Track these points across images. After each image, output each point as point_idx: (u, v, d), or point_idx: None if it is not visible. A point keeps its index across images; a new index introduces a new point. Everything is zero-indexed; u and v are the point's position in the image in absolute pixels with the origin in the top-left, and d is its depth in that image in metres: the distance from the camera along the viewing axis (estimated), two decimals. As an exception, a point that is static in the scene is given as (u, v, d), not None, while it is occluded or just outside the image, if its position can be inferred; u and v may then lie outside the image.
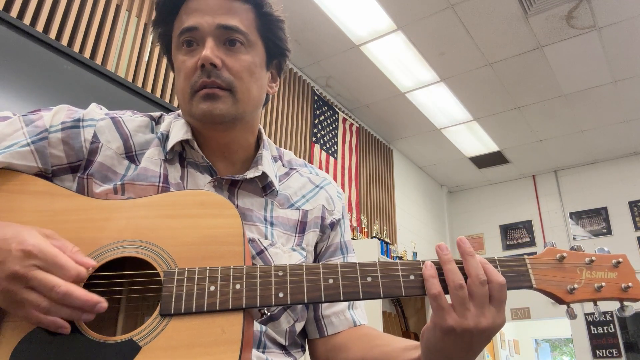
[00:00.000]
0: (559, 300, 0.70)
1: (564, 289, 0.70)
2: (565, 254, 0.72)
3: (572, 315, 0.71)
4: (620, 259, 0.72)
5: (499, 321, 0.65)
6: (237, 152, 0.88)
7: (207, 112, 0.78)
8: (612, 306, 0.70)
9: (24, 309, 0.60)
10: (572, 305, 0.71)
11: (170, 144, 0.83)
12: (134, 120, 0.86)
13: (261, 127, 0.94)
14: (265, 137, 0.93)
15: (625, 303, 0.71)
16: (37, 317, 0.61)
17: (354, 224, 4.55)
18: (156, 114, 0.91)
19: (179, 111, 0.91)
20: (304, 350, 0.88)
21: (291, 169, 0.96)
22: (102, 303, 0.62)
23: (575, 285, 0.70)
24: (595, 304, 0.72)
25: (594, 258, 0.72)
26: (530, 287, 0.70)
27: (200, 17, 0.79)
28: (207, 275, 0.67)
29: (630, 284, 0.70)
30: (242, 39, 0.81)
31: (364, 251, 3.87)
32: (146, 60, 2.95)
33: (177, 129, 0.85)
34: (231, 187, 0.84)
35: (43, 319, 0.61)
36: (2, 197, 0.71)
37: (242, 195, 0.85)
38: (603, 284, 0.70)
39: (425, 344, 0.68)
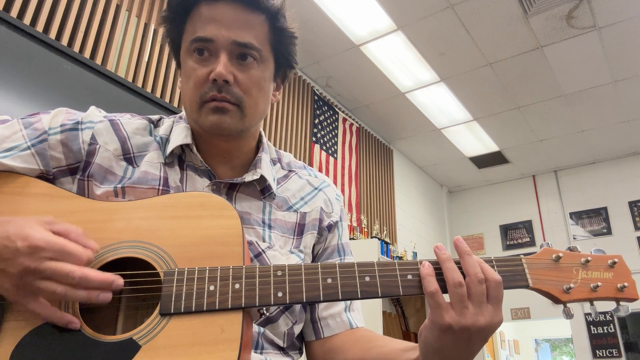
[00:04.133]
0: (555, 300, 0.70)
1: (560, 289, 0.70)
2: (561, 254, 0.72)
3: (568, 315, 0.71)
4: (616, 259, 0.73)
5: (497, 319, 0.65)
6: (238, 157, 0.89)
7: (215, 125, 0.79)
8: (611, 306, 0.71)
9: (37, 300, 0.62)
10: (569, 304, 0.71)
11: (170, 147, 0.83)
12: (132, 122, 0.86)
13: (262, 130, 0.94)
14: (265, 140, 0.94)
15: (621, 303, 0.71)
16: (46, 310, 0.62)
17: (354, 224, 4.56)
18: (155, 117, 0.91)
19: (181, 114, 0.91)
20: (301, 352, 0.89)
21: (290, 171, 0.96)
22: (118, 280, 0.64)
23: (572, 285, 0.70)
24: (592, 304, 0.73)
25: (589, 258, 0.73)
26: (527, 287, 0.71)
27: (216, 29, 0.79)
28: (207, 275, 0.67)
29: (625, 284, 0.71)
30: (255, 55, 0.81)
31: (364, 251, 3.87)
32: (146, 60, 2.95)
33: (177, 132, 0.85)
34: (229, 190, 0.85)
35: (53, 313, 0.62)
36: (3, 200, 0.71)
37: (240, 199, 0.85)
38: (599, 283, 0.70)
39: (424, 343, 0.68)
